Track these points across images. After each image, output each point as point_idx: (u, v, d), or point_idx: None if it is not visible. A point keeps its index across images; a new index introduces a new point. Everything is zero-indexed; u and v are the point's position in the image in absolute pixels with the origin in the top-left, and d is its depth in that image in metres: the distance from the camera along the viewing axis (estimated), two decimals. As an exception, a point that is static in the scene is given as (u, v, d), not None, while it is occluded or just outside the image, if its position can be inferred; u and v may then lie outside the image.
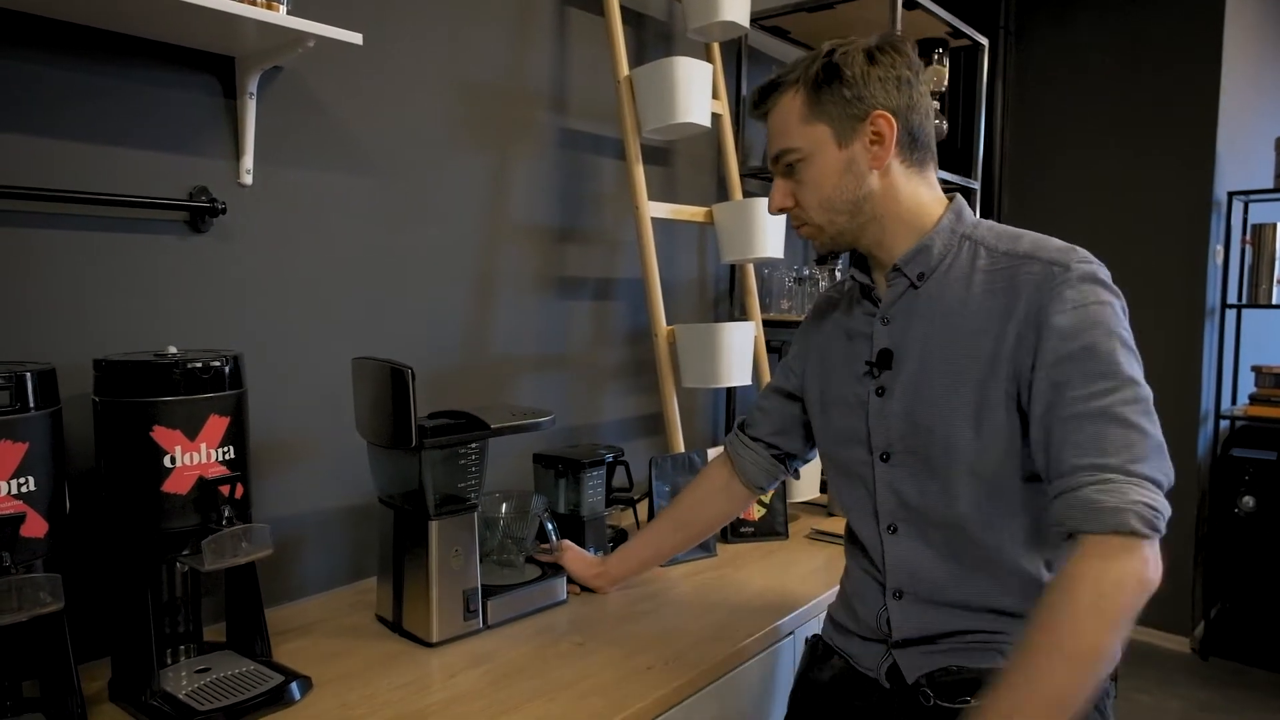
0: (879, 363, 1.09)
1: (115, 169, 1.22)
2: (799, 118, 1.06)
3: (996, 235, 1.05)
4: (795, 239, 2.63)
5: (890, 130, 1.03)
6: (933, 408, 1.02)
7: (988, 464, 1.00)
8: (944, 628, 1.06)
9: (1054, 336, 0.94)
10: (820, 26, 2.32)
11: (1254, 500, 3.27)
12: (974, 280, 1.02)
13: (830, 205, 1.07)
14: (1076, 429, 0.92)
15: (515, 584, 1.37)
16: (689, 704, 1.18)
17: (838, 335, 1.18)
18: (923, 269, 1.06)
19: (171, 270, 1.29)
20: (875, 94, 1.03)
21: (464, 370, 1.72)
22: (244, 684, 1.09)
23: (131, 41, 1.23)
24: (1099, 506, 0.88)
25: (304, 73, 1.42)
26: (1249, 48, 3.55)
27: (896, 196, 1.06)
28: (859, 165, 1.05)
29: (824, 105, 1.04)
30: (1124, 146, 3.44)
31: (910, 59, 1.05)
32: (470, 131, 1.70)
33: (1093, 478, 0.89)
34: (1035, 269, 0.98)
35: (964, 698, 1.02)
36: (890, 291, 1.09)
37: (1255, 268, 3.39)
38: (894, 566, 1.09)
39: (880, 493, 1.09)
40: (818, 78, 1.04)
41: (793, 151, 1.07)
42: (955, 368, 1.01)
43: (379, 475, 1.33)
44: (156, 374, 1.03)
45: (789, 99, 1.07)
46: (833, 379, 1.17)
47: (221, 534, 1.03)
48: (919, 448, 1.04)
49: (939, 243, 1.05)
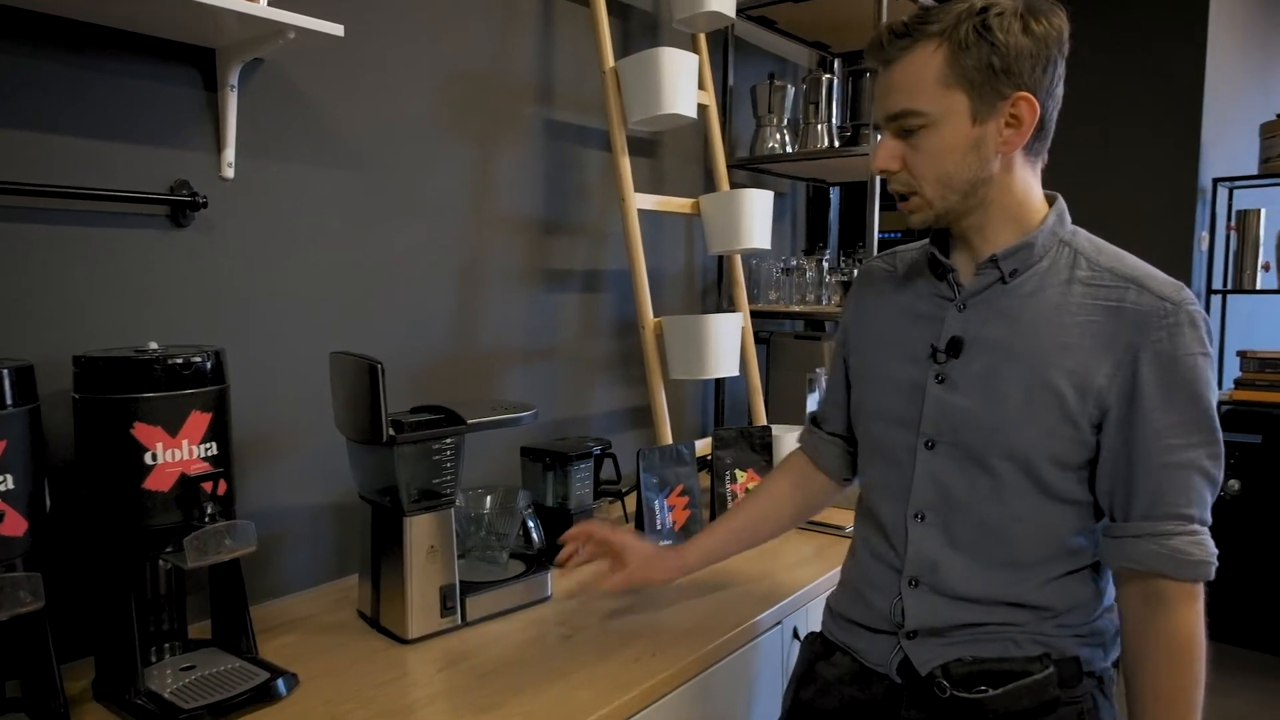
0: (948, 350, 1.04)
1: (94, 163, 1.21)
2: (936, 78, 0.95)
3: (1097, 248, 1.02)
4: (782, 230, 2.63)
5: (1031, 117, 0.96)
6: (1002, 407, 0.99)
7: (1045, 474, 0.99)
8: (958, 620, 1.04)
9: (1160, 379, 0.94)
10: (806, 16, 2.31)
11: (1240, 483, 3.30)
12: (1072, 290, 0.99)
13: (948, 182, 0.99)
14: (1170, 477, 0.95)
15: (497, 580, 1.36)
16: (678, 694, 1.18)
17: (896, 311, 1.12)
18: (1018, 266, 1.01)
19: (152, 265, 1.27)
20: (1024, 71, 0.94)
21: (451, 364, 1.71)
22: (229, 681, 1.09)
23: (109, 34, 1.21)
24: (1189, 559, 0.94)
25: (286, 65, 1.41)
26: (1233, 35, 3.56)
27: (1011, 186, 1.01)
28: (986, 146, 0.97)
29: (968, 71, 0.94)
30: (1110, 134, 3.45)
31: (1061, 35, 0.96)
32: (455, 123, 1.68)
33: (1182, 528, 0.95)
34: (1145, 300, 0.95)
35: (980, 687, 1.00)
36: (977, 280, 1.03)
37: (1240, 253, 3.41)
38: (915, 555, 1.06)
39: (919, 479, 1.06)
40: (966, 38, 0.93)
41: (919, 115, 0.97)
42: (1037, 375, 0.98)
43: (357, 471, 1.33)
44: (137, 370, 1.02)
45: (927, 53, 0.95)
46: (883, 354, 1.12)
47: (204, 531, 1.03)
48: (974, 443, 1.01)
49: (1040, 242, 1.01)
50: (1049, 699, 0.99)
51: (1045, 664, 1.00)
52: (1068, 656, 1.01)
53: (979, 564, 1.03)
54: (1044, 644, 1.01)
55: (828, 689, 1.14)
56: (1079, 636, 1.03)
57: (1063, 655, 1.01)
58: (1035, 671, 0.99)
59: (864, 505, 1.16)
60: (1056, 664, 1.00)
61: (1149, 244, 3.39)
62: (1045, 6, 0.95)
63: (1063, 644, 1.02)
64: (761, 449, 1.86)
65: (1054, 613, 1.02)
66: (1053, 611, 1.02)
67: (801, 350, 2.35)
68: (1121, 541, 0.98)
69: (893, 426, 1.09)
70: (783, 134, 2.29)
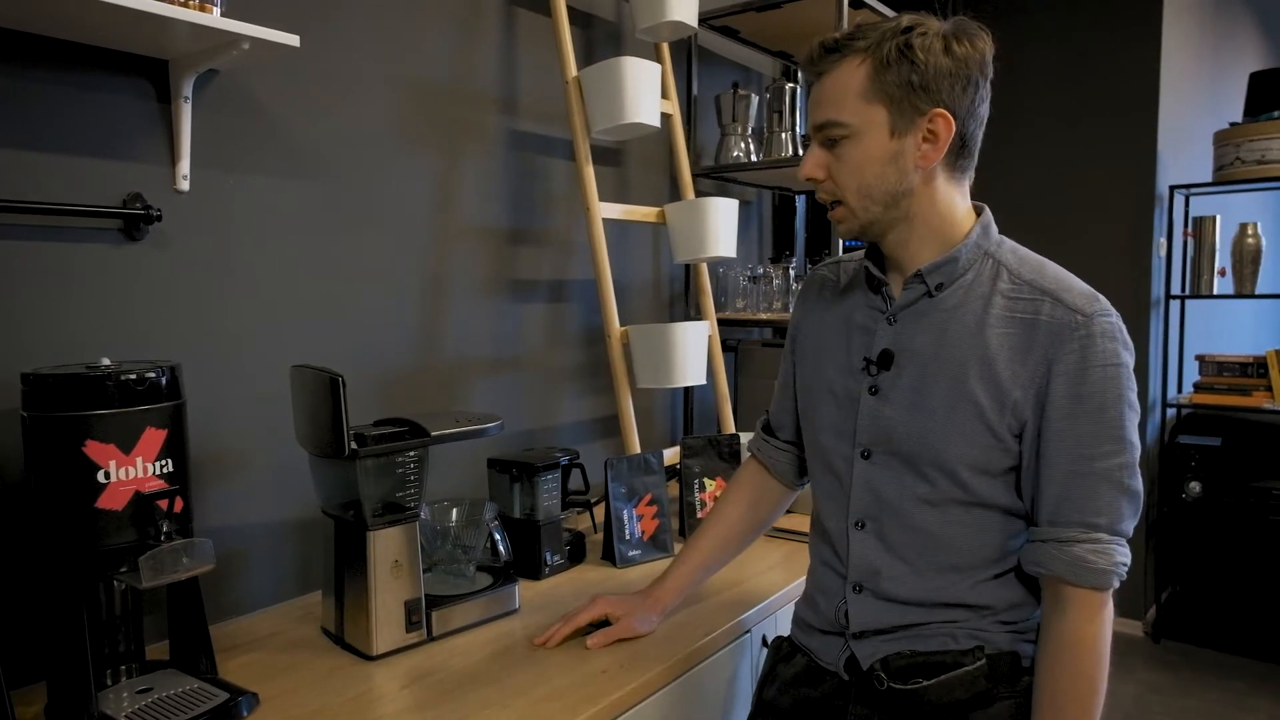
0: (879, 362, 1.07)
1: (44, 176, 1.18)
2: (858, 92, 0.99)
3: (1020, 259, 1.04)
4: (749, 238, 2.64)
5: (947, 133, 0.98)
6: (929, 418, 1.02)
7: (970, 481, 1.02)
8: (900, 621, 1.07)
9: (1069, 390, 0.97)
10: (769, 26, 2.33)
11: (1200, 485, 3.36)
12: (993, 302, 1.01)
13: (868, 192, 1.02)
14: (1076, 485, 0.98)
15: (464, 593, 1.35)
16: (647, 704, 1.17)
17: (836, 322, 1.15)
18: (943, 279, 1.04)
19: (105, 280, 1.25)
20: (942, 89, 0.97)
21: (416, 376, 1.70)
22: (188, 703, 1.06)
23: (58, 45, 1.19)
24: (1089, 566, 0.97)
25: (241, 76, 1.39)
26: (1186, 48, 3.64)
27: (934, 200, 1.03)
28: (904, 160, 1.00)
29: (888, 87, 0.97)
30: (1067, 143, 3.51)
31: (984, 57, 0.99)
32: (416, 133, 1.67)
33: (1084, 535, 0.98)
34: (1058, 314, 0.98)
35: (916, 679, 1.03)
36: (905, 294, 1.06)
37: (1197, 260, 3.48)
38: (857, 562, 1.09)
39: (856, 489, 1.09)
40: (889, 55, 0.97)
41: (841, 126, 1.00)
42: (960, 385, 1.00)
43: (319, 486, 1.31)
44: (88, 386, 1.00)
45: (851, 67, 0.99)
46: (825, 367, 1.14)
47: (160, 550, 1.00)
48: (906, 452, 1.04)
49: (964, 256, 1.03)
50: (981, 691, 1.02)
51: (978, 656, 1.03)
52: (1004, 651, 1.04)
53: (917, 569, 1.06)
54: (980, 639, 1.05)
55: (785, 688, 1.17)
56: (1017, 633, 1.06)
57: (998, 650, 1.04)
58: (967, 663, 1.03)
59: (815, 513, 1.19)
60: (991, 658, 1.03)
61: (1109, 250, 3.46)
62: (970, 30, 0.99)
63: (999, 639, 1.05)
64: (730, 457, 1.86)
65: (993, 611, 1.05)
66: (992, 610, 1.05)
67: (769, 358, 2.36)
68: (1032, 546, 1.02)
69: (832, 437, 1.12)
70: (747, 142, 2.30)
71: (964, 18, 1.00)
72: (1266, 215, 4.92)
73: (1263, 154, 3.23)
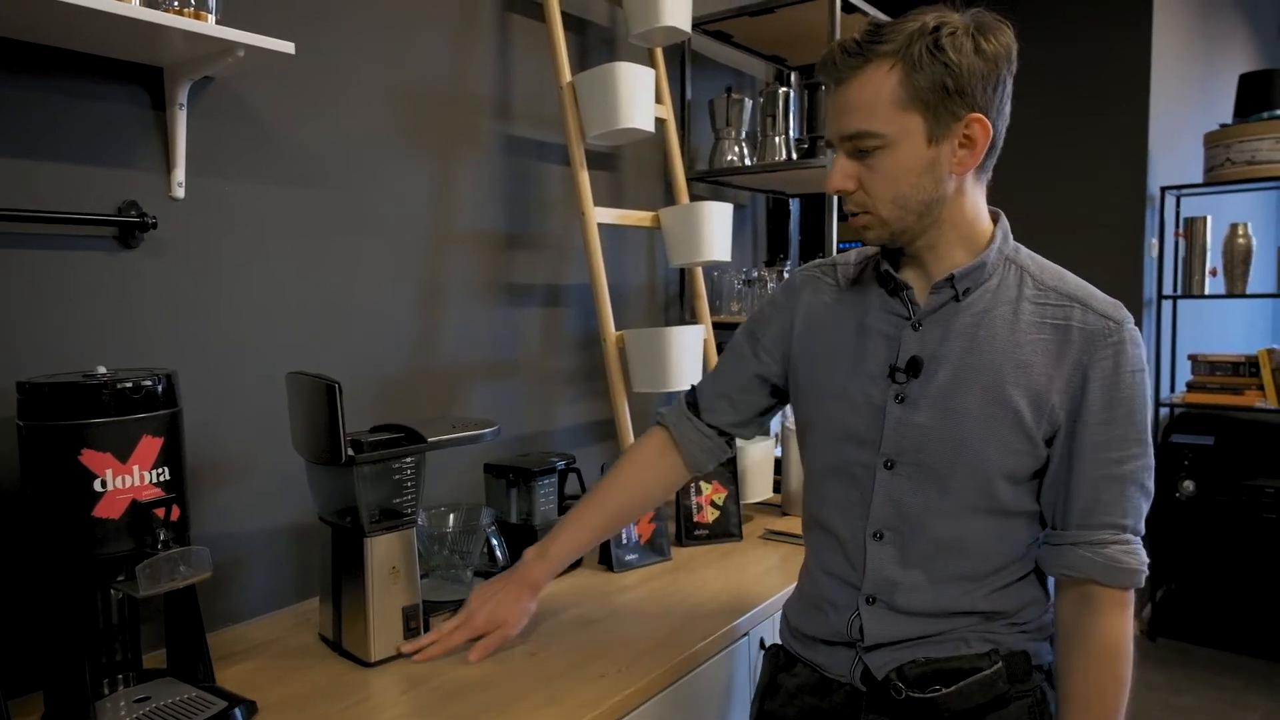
0: (908, 369, 1.03)
1: (39, 184, 1.18)
2: (890, 99, 0.94)
3: (1040, 266, 1.04)
4: (743, 241, 2.65)
5: (984, 138, 0.95)
6: (963, 425, 1.00)
7: (999, 490, 1.01)
8: (914, 633, 1.05)
9: (1104, 396, 0.98)
10: (762, 30, 2.34)
11: (1194, 484, 3.37)
12: (1022, 308, 1.01)
13: (903, 203, 0.98)
14: (1107, 488, 0.99)
15: (461, 599, 1.34)
16: (645, 709, 1.17)
17: (843, 325, 1.11)
18: (970, 284, 1.02)
19: (101, 287, 1.25)
20: (975, 92, 0.93)
21: (412, 382, 1.70)
22: (185, 711, 1.06)
23: (52, 53, 1.19)
24: (1122, 567, 0.98)
25: (236, 83, 1.39)
26: (1176, 50, 3.66)
27: (963, 205, 1.01)
28: (941, 167, 0.97)
29: (922, 92, 0.93)
30: (1058, 144, 3.53)
31: (1010, 53, 0.96)
32: (411, 139, 1.68)
33: (1114, 536, 0.99)
34: (1090, 320, 0.99)
35: (934, 687, 1.02)
36: (932, 299, 1.03)
37: (1189, 260, 3.50)
38: (873, 574, 1.06)
39: (878, 499, 1.05)
40: (919, 58, 0.92)
41: (875, 137, 0.95)
42: (996, 391, 0.99)
43: (316, 492, 1.31)
44: (84, 395, 1.00)
45: (881, 73, 0.94)
46: (835, 372, 1.10)
47: (157, 558, 1.00)
48: (935, 461, 1.01)
49: (991, 260, 1.02)
50: (999, 693, 1.02)
51: (994, 659, 1.03)
52: (1016, 651, 1.04)
53: (934, 580, 1.05)
54: (993, 641, 1.04)
55: (789, 699, 1.15)
56: (1026, 633, 1.06)
57: (1011, 650, 1.04)
58: (985, 667, 1.02)
59: (816, 520, 1.14)
60: (1005, 659, 1.03)
61: (1102, 251, 3.47)
62: (994, 24, 0.95)
63: (1011, 640, 1.05)
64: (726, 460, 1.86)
65: (1005, 615, 1.05)
66: (1004, 615, 1.05)
67: (764, 361, 2.36)
68: (1060, 549, 1.02)
69: (850, 445, 1.08)
70: (741, 146, 2.31)
71: (982, 10, 0.96)
72: (1257, 215, 4.95)
73: (1253, 155, 3.25)
